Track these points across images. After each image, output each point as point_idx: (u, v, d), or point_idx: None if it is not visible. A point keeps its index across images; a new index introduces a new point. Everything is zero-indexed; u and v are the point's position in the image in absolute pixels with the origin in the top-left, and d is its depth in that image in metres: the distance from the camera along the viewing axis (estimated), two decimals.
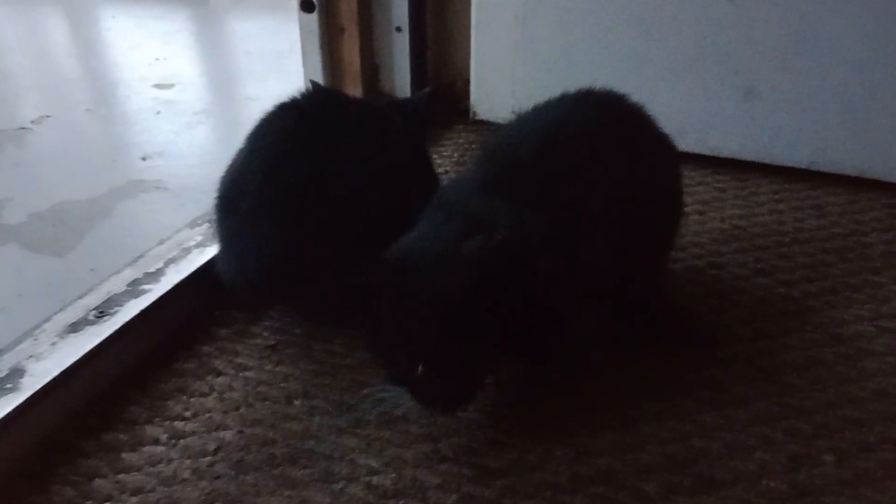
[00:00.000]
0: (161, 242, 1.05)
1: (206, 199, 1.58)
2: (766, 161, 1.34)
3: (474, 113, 1.53)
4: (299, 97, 0.96)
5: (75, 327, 0.87)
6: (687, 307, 1.00)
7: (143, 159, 1.79)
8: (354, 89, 1.53)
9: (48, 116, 2.06)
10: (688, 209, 1.12)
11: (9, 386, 0.78)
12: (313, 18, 1.45)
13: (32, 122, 2.01)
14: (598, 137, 0.88)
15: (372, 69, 1.55)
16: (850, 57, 1.22)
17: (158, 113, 2.07)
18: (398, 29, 1.52)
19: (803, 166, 1.31)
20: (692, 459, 0.77)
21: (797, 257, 1.10)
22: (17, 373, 0.80)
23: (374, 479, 0.76)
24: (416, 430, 0.82)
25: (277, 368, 0.91)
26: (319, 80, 1.50)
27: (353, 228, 0.86)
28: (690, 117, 1.34)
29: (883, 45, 1.19)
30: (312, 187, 0.86)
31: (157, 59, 2.52)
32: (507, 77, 1.46)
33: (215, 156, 1.91)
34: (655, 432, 0.81)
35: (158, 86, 2.26)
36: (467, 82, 1.54)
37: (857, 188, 1.28)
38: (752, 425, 0.81)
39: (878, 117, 1.24)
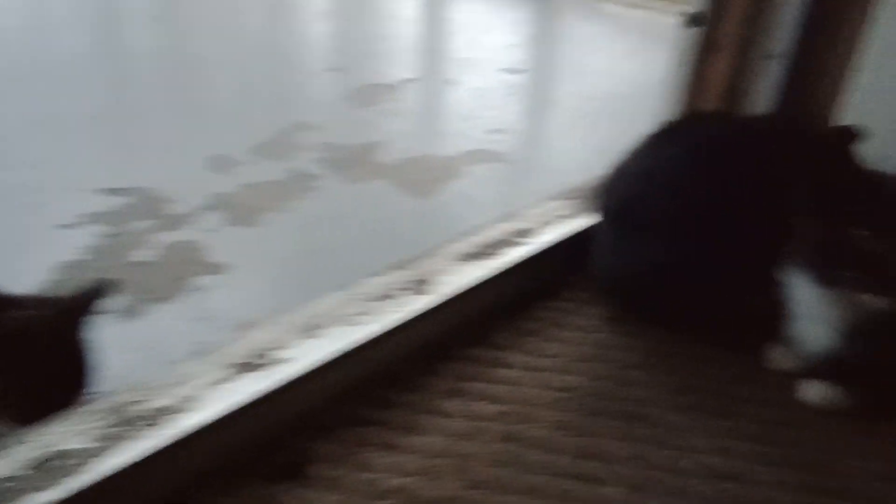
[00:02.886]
0: (535, 206, 1.20)
1: (541, 176, 1.76)
2: None
3: None
4: (689, 124, 1.02)
5: (468, 257, 1.05)
6: None
7: (491, 132, 2.01)
8: (711, 108, 1.58)
9: (415, 79, 2.38)
10: None
11: (423, 288, 0.97)
12: (696, 34, 1.52)
13: (402, 80, 2.34)
14: None
15: (734, 92, 1.58)
16: None
17: (506, 94, 2.29)
18: (772, 56, 1.53)
19: None
20: None
21: None
22: (425, 282, 1.00)
23: (704, 458, 0.83)
24: (747, 429, 0.87)
25: (621, 339, 1.02)
26: (682, 92, 1.57)
27: (740, 252, 0.92)
28: None
29: None
30: (707, 210, 0.93)
31: (506, 45, 2.77)
32: (883, 125, 1.42)
33: (552, 144, 2.10)
34: None
35: (508, 70, 2.49)
36: (826, 121, 1.51)
37: None
38: None
39: None
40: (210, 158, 1.75)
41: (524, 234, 1.12)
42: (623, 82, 2.44)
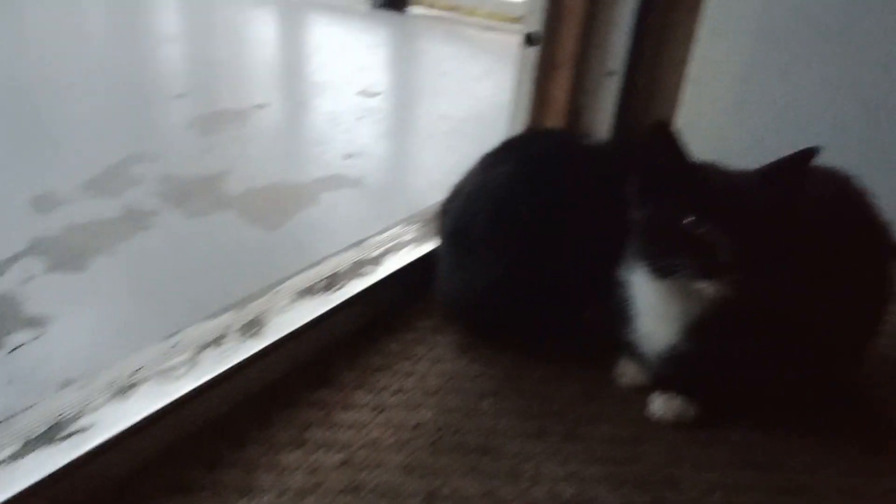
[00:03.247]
0: (380, 232, 1.16)
1: (398, 200, 1.72)
2: None
3: None
4: (522, 140, 1.02)
5: (308, 292, 0.99)
6: (876, 397, 0.99)
7: (346, 157, 1.95)
8: (555, 126, 1.61)
9: (266, 104, 2.29)
10: None
11: (254, 331, 0.90)
12: (533, 53, 1.54)
13: (253, 106, 2.24)
14: (818, 215, 0.89)
15: (576, 109, 1.61)
16: None
17: (360, 118, 2.24)
18: (610, 73, 1.58)
19: None
20: None
21: None
22: (258, 322, 0.92)
23: (555, 486, 0.81)
24: (598, 451, 0.86)
25: (471, 366, 0.98)
26: (525, 112, 1.58)
27: (570, 270, 0.92)
28: None
29: None
30: (532, 228, 0.93)
31: (361, 68, 2.73)
32: (711, 135, 1.49)
33: (408, 165, 2.07)
34: None
35: (362, 93, 2.44)
36: None
37: None
38: None
39: None
40: (34, 198, 1.59)
41: (368, 262, 1.07)
42: (479, 102, 2.46)
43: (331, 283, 1.01)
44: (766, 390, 0.92)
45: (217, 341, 0.87)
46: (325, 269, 1.04)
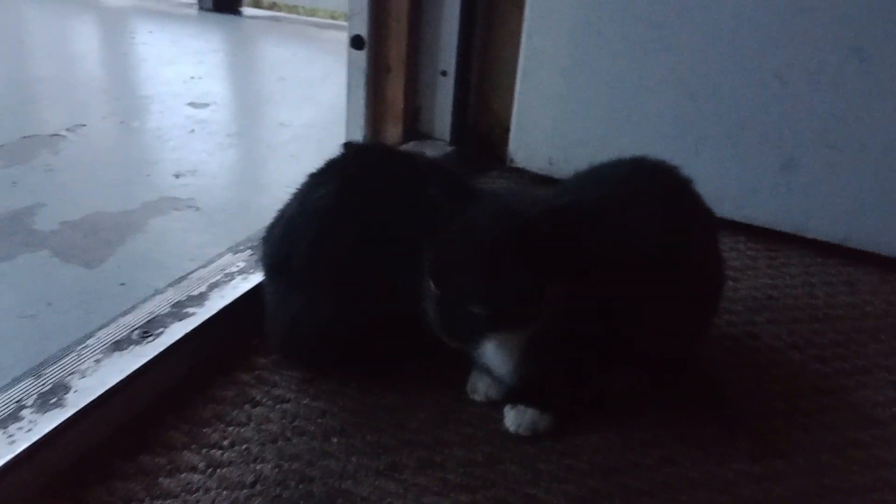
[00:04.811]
0: (204, 265, 1.06)
1: (236, 221, 1.61)
2: (800, 233, 1.35)
3: (511, 160, 1.55)
4: (344, 160, 0.96)
5: (119, 346, 0.87)
6: (721, 377, 1.01)
7: (176, 176, 1.81)
8: (395, 128, 1.56)
9: (83, 125, 2.08)
10: None
11: (53, 401, 0.78)
12: (362, 56, 1.47)
13: (67, 129, 2.03)
14: (648, 205, 0.89)
15: (414, 110, 1.57)
16: (889, 140, 1.24)
17: (192, 131, 2.09)
18: (443, 73, 1.54)
19: (836, 241, 1.33)
20: None
21: (830, 333, 1.11)
22: (61, 388, 0.80)
23: None
24: (454, 479, 0.81)
25: (315, 403, 0.91)
26: (361, 116, 1.52)
27: (396, 291, 0.86)
28: (728, 184, 1.36)
29: None
30: (358, 253, 0.86)
31: (191, 77, 2.56)
32: (546, 128, 1.49)
33: (246, 179, 1.94)
34: (693, 501, 0.80)
35: (192, 104, 2.29)
36: (506, 130, 1.56)
37: (888, 268, 1.29)
38: (791, 502, 0.81)
39: None
40: None
41: (191, 302, 0.97)
42: (321, 107, 2.37)
43: (147, 331, 0.90)
44: (612, 387, 0.91)
45: (6, 421, 0.75)
46: (140, 316, 0.93)
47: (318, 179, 0.93)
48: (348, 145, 0.98)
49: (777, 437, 0.90)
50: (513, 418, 0.88)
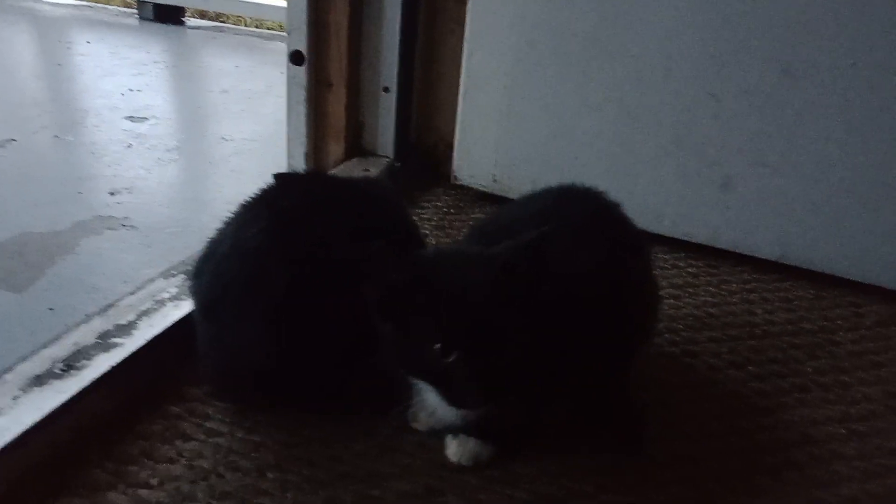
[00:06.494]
0: (133, 292, 1.01)
1: (175, 241, 1.56)
2: (738, 250, 1.37)
3: (455, 177, 1.54)
4: (275, 193, 0.93)
5: (39, 381, 0.83)
6: (658, 399, 1.01)
7: (111, 194, 1.75)
8: (337, 145, 1.53)
9: (13, 140, 2.00)
10: (662, 293, 1.14)
11: None
12: (301, 71, 1.45)
13: None
14: (577, 235, 0.89)
15: (357, 126, 1.55)
16: (821, 158, 1.27)
17: (129, 146, 2.03)
18: (385, 89, 1.53)
19: (773, 259, 1.35)
20: None
21: (768, 351, 1.13)
22: None
23: None
24: None
25: (249, 437, 0.88)
26: (303, 133, 1.50)
27: (336, 330, 0.84)
28: (667, 201, 1.38)
29: (852, 150, 1.25)
30: (291, 293, 0.83)
31: (130, 89, 2.49)
32: (489, 145, 1.48)
33: (186, 196, 1.89)
34: None
35: (131, 118, 2.22)
36: (450, 146, 1.55)
37: (822, 284, 1.32)
38: None
39: (843, 217, 1.29)
40: None
41: (118, 332, 0.93)
42: (264, 120, 2.33)
43: (70, 364, 0.86)
44: (550, 416, 0.90)
45: None
46: (64, 348, 0.88)
47: (249, 214, 0.89)
48: (278, 176, 0.95)
49: (712, 461, 0.90)
50: (455, 448, 0.86)
